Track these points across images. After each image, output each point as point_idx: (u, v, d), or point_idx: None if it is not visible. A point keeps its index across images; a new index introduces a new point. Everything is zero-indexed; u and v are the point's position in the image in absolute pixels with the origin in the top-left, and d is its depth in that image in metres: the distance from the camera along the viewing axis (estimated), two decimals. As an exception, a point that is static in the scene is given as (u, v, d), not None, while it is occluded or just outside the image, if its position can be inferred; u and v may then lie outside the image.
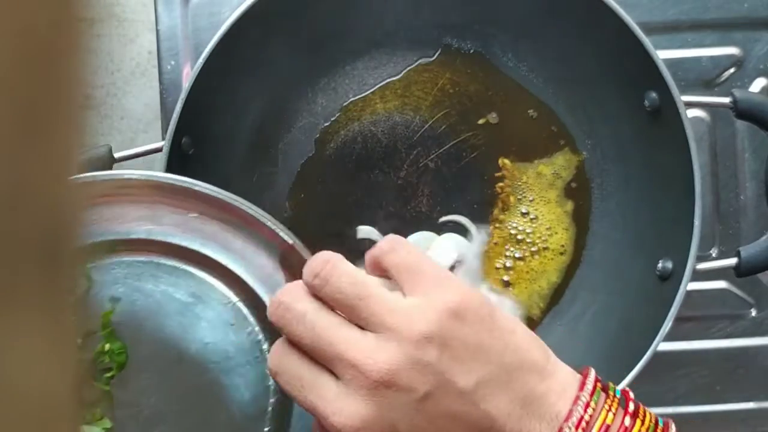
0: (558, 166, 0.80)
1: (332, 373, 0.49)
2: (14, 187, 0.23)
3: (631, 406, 0.50)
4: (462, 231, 0.80)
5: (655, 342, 0.67)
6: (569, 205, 0.80)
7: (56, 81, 0.25)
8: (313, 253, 0.54)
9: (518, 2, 0.75)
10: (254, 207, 0.58)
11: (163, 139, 0.68)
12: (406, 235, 0.80)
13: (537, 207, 0.80)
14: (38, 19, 0.23)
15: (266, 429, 0.57)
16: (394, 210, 0.80)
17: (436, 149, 0.80)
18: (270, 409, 0.57)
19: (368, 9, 0.76)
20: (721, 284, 0.81)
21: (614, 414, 0.49)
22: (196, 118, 0.70)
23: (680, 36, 0.80)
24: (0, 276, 0.23)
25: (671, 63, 0.78)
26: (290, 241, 0.57)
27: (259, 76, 0.76)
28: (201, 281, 0.57)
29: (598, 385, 0.51)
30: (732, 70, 0.80)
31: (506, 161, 0.80)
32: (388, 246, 0.52)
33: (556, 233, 0.79)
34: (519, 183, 0.80)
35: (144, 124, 0.82)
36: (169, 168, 0.68)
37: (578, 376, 0.51)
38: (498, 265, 0.79)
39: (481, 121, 0.80)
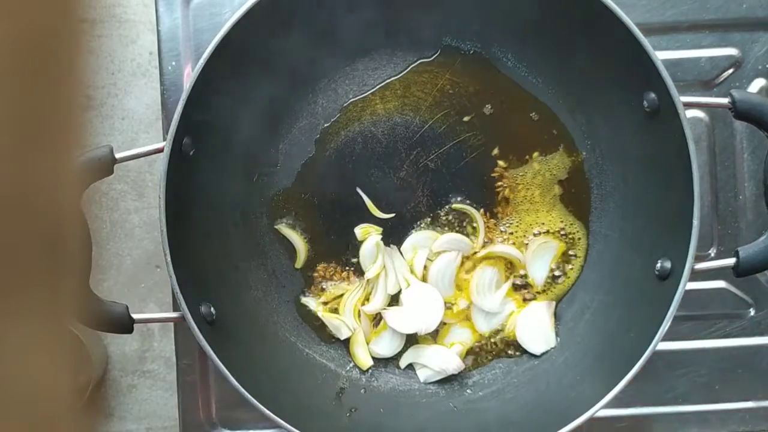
0: (553, 165, 0.80)
1: None
2: (16, 187, 0.23)
3: None
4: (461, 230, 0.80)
5: (654, 341, 0.67)
6: (568, 205, 0.80)
7: (57, 82, 0.25)
8: (313, 253, 0.53)
9: (518, 3, 0.75)
10: None
11: (164, 139, 0.68)
12: (406, 235, 0.80)
13: (535, 208, 0.80)
14: (39, 21, 0.24)
15: None
16: (394, 210, 0.80)
17: (436, 149, 0.80)
18: None
19: (368, 10, 0.77)
20: (719, 284, 0.81)
21: None
22: (197, 118, 0.70)
23: (679, 37, 0.80)
24: (1, 276, 0.24)
25: (670, 64, 0.78)
26: None
27: (260, 76, 0.76)
28: None
29: None
30: (731, 71, 0.80)
31: (501, 162, 0.80)
32: None
33: (555, 234, 0.80)
34: (516, 184, 0.80)
35: (145, 124, 0.83)
36: (171, 168, 0.68)
37: None
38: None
39: (466, 118, 0.80)
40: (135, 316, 0.68)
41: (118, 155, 0.68)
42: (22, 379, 0.25)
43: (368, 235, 0.80)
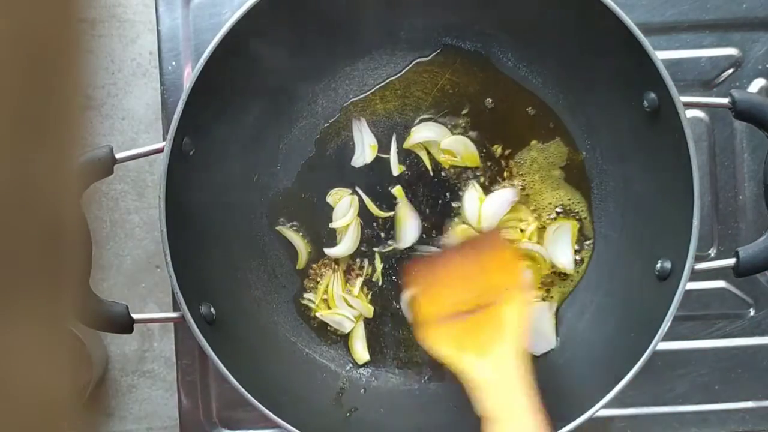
0: (554, 157, 0.80)
1: None
2: (16, 187, 0.23)
3: None
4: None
5: (654, 341, 0.67)
6: (568, 205, 0.80)
7: (57, 82, 0.25)
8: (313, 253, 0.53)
9: (518, 3, 0.75)
10: None
11: (164, 139, 0.69)
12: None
13: (536, 201, 0.80)
14: (38, 21, 0.24)
15: None
16: (393, 209, 0.80)
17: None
18: None
19: (368, 10, 0.77)
20: (719, 284, 0.81)
21: None
22: (197, 118, 0.70)
23: (679, 37, 0.80)
24: (1, 275, 0.24)
25: (670, 64, 0.78)
26: None
27: (260, 76, 0.76)
28: None
29: None
30: (731, 71, 0.80)
31: (502, 151, 0.80)
32: None
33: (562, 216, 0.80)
34: (517, 185, 0.80)
35: (145, 124, 0.83)
36: (171, 168, 0.68)
37: None
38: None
39: (463, 112, 0.80)
40: (135, 316, 0.68)
41: (118, 155, 0.68)
42: (22, 380, 0.25)
43: (341, 199, 0.79)
